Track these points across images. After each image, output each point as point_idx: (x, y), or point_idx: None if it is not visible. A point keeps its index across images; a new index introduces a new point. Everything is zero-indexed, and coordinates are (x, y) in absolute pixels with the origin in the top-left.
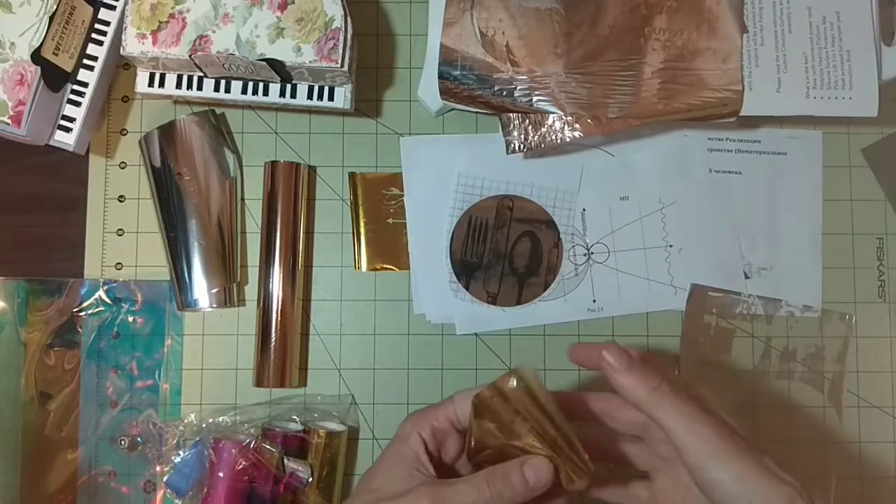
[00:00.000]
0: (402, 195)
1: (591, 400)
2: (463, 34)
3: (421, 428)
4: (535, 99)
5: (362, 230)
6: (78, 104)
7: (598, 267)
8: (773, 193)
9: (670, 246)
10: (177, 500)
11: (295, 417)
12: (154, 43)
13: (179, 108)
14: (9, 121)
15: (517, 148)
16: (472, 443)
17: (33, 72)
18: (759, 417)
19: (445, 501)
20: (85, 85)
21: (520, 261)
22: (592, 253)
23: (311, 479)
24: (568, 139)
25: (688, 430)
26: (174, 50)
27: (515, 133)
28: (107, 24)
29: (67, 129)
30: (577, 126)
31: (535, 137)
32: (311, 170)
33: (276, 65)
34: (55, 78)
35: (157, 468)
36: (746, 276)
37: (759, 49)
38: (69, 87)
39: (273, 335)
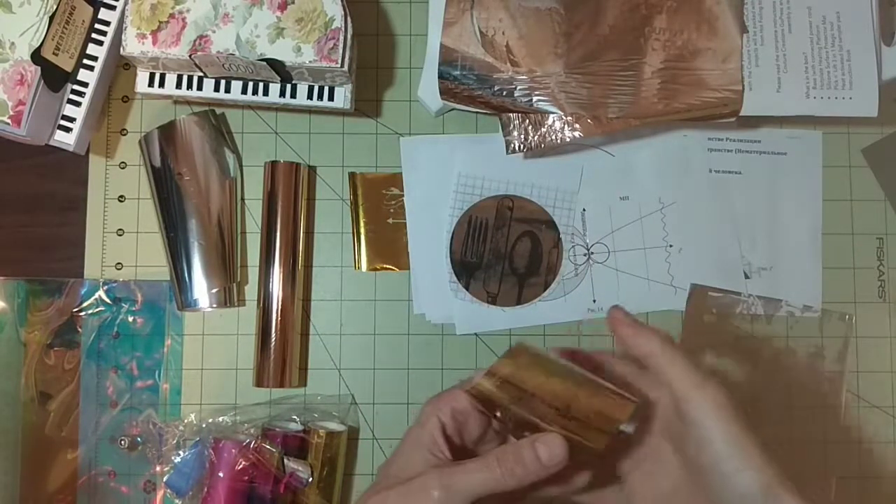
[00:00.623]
0: (402, 195)
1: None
2: (463, 34)
3: (440, 411)
4: (535, 99)
5: (362, 230)
6: (78, 104)
7: (598, 267)
8: (773, 193)
9: (670, 246)
10: (177, 500)
11: (295, 417)
12: (154, 43)
13: (179, 108)
14: (9, 121)
15: (517, 148)
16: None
17: (33, 72)
18: (759, 417)
19: (454, 482)
20: (85, 85)
21: (520, 261)
22: (592, 253)
23: (311, 479)
24: (568, 139)
25: (693, 387)
26: (174, 50)
27: (515, 133)
28: (107, 24)
29: (67, 129)
30: (577, 126)
31: (535, 137)
32: (311, 170)
33: (276, 65)
34: (55, 78)
35: (157, 468)
36: (746, 276)
37: (759, 49)
38: (69, 87)
39: (273, 335)
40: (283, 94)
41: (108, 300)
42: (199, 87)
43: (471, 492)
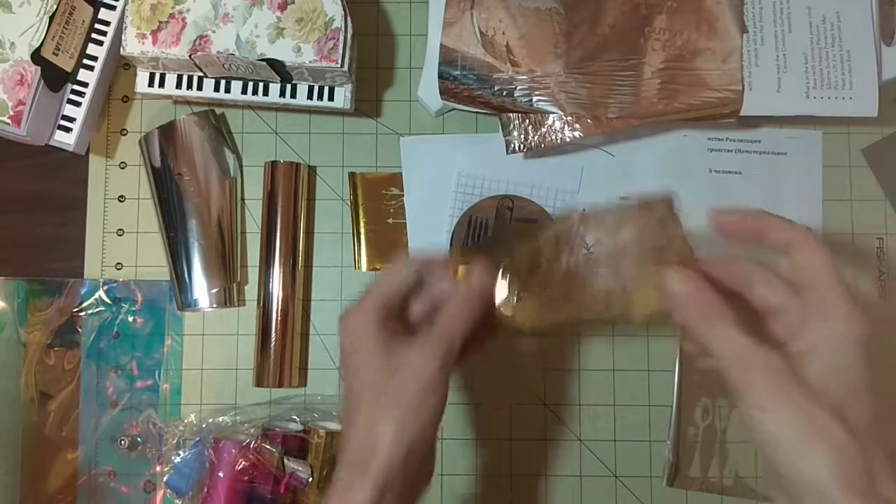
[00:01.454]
0: (402, 195)
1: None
2: (463, 34)
3: (374, 313)
4: (535, 99)
5: (362, 230)
6: (78, 104)
7: None
8: (773, 193)
9: None
10: (177, 500)
11: (295, 417)
12: (154, 43)
13: (179, 108)
14: (9, 121)
15: (517, 148)
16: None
17: (33, 72)
18: None
19: (447, 332)
20: (85, 85)
21: None
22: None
23: (311, 479)
24: (568, 139)
25: (736, 370)
26: (174, 50)
27: (515, 133)
28: (107, 24)
29: (67, 129)
30: (577, 126)
31: (535, 137)
32: (311, 170)
33: (276, 65)
34: (55, 78)
35: (157, 468)
36: None
37: (759, 49)
38: (69, 87)
39: (273, 335)
40: (283, 94)
41: (108, 300)
42: (199, 87)
43: (461, 331)
